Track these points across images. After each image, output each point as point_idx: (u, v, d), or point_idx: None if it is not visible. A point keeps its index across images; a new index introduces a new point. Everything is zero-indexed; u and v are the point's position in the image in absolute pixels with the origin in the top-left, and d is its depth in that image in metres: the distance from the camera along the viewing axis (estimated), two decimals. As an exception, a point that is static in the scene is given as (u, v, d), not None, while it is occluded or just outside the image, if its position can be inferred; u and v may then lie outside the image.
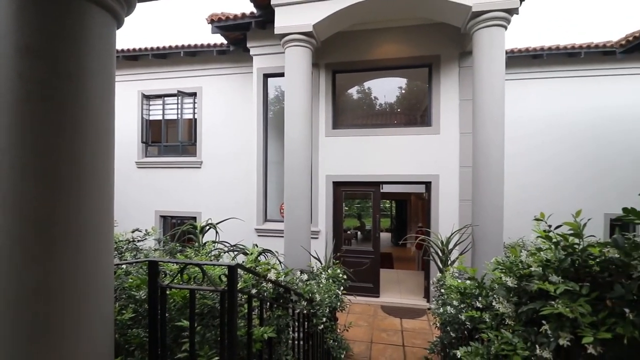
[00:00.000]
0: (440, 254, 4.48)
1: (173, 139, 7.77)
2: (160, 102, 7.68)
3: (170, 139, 7.89)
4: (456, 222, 5.60)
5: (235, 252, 4.17)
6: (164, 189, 7.54)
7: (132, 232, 3.48)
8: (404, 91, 6.57)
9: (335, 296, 3.63)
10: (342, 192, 6.36)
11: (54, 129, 1.01)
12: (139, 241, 3.39)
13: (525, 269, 1.53)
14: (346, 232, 9.33)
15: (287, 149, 4.92)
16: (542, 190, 6.69)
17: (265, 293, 2.33)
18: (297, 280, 2.71)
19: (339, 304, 3.75)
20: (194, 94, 7.41)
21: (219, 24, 5.96)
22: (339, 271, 4.08)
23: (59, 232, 1.01)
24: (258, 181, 6.35)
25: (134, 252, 3.16)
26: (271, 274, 2.02)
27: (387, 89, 6.55)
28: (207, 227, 4.58)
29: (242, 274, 2.44)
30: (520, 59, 6.73)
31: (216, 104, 7.27)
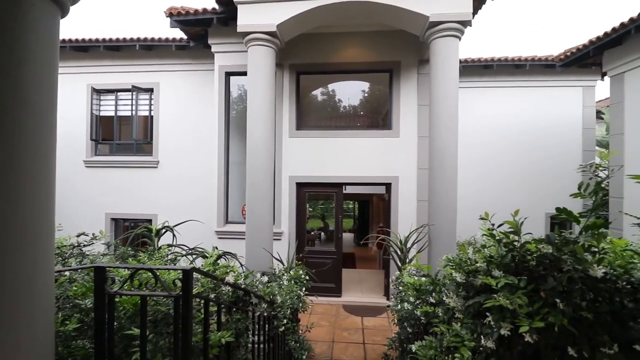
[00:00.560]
0: (399, 253, 4.65)
1: (127, 137, 7.33)
2: (113, 97, 7.22)
3: (123, 137, 7.44)
4: (414, 222, 5.84)
5: (193, 256, 4.02)
6: (116, 190, 7.08)
7: (78, 236, 3.23)
8: (366, 95, 6.75)
9: (297, 297, 3.63)
10: (306, 193, 6.38)
11: (-16, 124, 0.92)
12: (85, 246, 3.15)
13: (472, 265, 1.64)
14: (310, 233, 9.38)
15: (249, 149, 4.84)
16: (490, 191, 7.21)
17: (224, 297, 2.28)
18: (257, 282, 2.67)
19: (301, 305, 3.75)
20: (150, 90, 7.05)
21: (178, 18, 5.72)
22: (301, 272, 4.08)
23: (-11, 237, 0.92)
24: (219, 182, 6.18)
25: (80, 258, 2.94)
26: (229, 277, 1.98)
27: (350, 92, 6.69)
28: (164, 230, 4.37)
29: (200, 278, 2.37)
30: (474, 69, 7.21)
31: (175, 101, 6.97)
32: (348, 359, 4.21)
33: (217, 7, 5.40)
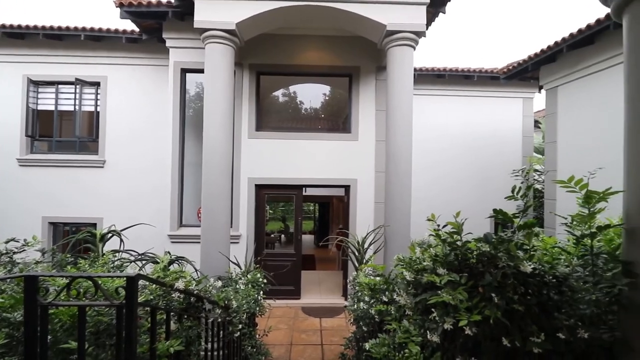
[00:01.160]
0: (357, 254, 4.75)
1: (68, 134, 6.75)
2: (53, 90, 6.62)
3: (64, 134, 6.85)
4: (371, 223, 6.01)
5: (143, 262, 3.79)
6: (55, 192, 6.48)
7: (7, 242, 2.90)
8: (327, 98, 6.83)
9: (254, 301, 3.57)
10: (265, 195, 6.30)
11: None
12: (15, 253, 2.84)
13: (420, 264, 1.72)
14: (269, 236, 9.28)
15: (206, 149, 4.68)
16: (443, 194, 7.64)
17: (175, 304, 2.18)
18: (211, 287, 2.59)
19: (258, 308, 3.69)
20: (96, 84, 6.56)
21: (130, 9, 5.38)
22: (259, 275, 4.02)
23: None
24: (173, 184, 5.89)
25: (9, 267, 2.64)
26: (179, 283, 1.90)
27: (311, 95, 6.73)
28: (110, 235, 4.06)
29: (148, 285, 2.24)
30: (428, 77, 7.60)
31: (125, 97, 6.54)
32: (306, 361, 4.21)
33: (172, 0, 5.17)
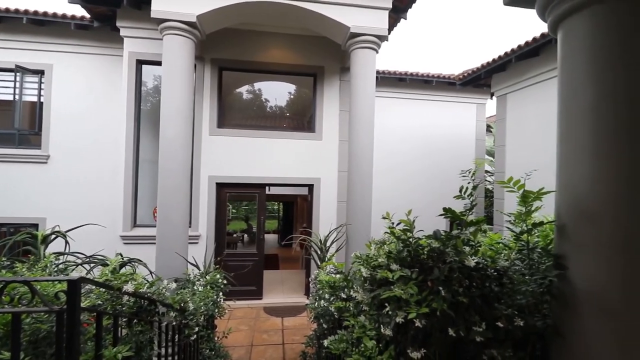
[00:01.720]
0: (319, 252, 4.79)
1: (7, 126, 6.13)
2: (-11, 77, 5.99)
3: (2, 125, 6.22)
4: (334, 222, 6.09)
5: (91, 265, 3.55)
6: (-11, 189, 5.87)
7: None
8: (292, 97, 6.80)
9: (212, 303, 3.48)
10: (227, 193, 6.15)
11: None
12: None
13: (376, 261, 1.78)
14: (232, 235, 9.08)
15: (162, 145, 4.46)
16: (405, 195, 7.92)
17: (124, 308, 2.07)
18: (164, 289, 2.48)
19: (218, 310, 3.61)
20: (40, 72, 6.02)
21: (79, -6, 5.01)
22: (218, 276, 3.92)
23: None
24: (126, 181, 5.57)
25: None
26: (128, 286, 1.80)
27: (275, 93, 6.66)
28: (53, 236, 3.75)
29: (94, 289, 2.11)
30: (390, 80, 7.83)
31: (73, 87, 6.07)
32: (266, 361, 4.18)
33: (127, -13, 4.90)
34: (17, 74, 5.87)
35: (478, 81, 7.42)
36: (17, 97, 5.87)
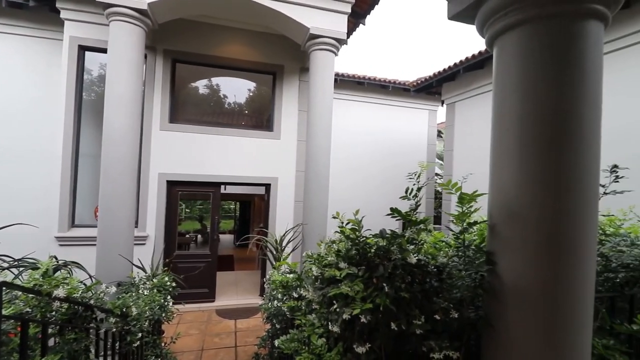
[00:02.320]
0: (275, 252, 4.76)
1: None
2: None
3: None
4: (291, 222, 6.08)
5: (20, 269, 3.20)
6: None
7: None
8: (251, 94, 6.67)
9: (159, 307, 3.31)
10: (178, 192, 5.88)
11: None
12: None
13: (326, 260, 1.81)
14: (184, 236, 8.68)
15: (106, 139, 4.13)
16: (362, 196, 8.13)
17: (56, 314, 1.90)
18: (102, 294, 2.32)
19: (165, 314, 3.44)
20: (-40, 52, 5.31)
21: (10, -33, 4.50)
22: (166, 279, 3.74)
23: None
24: (64, 177, 5.08)
25: None
26: (59, 291, 1.66)
27: (233, 90, 6.49)
28: (-28, 237, 3.34)
29: (19, 295, 1.92)
30: (349, 83, 8.00)
31: (3, 72, 5.43)
32: (217, 365, 4.07)
33: (69, -35, 4.49)
34: None
35: (430, 89, 7.84)
36: None
